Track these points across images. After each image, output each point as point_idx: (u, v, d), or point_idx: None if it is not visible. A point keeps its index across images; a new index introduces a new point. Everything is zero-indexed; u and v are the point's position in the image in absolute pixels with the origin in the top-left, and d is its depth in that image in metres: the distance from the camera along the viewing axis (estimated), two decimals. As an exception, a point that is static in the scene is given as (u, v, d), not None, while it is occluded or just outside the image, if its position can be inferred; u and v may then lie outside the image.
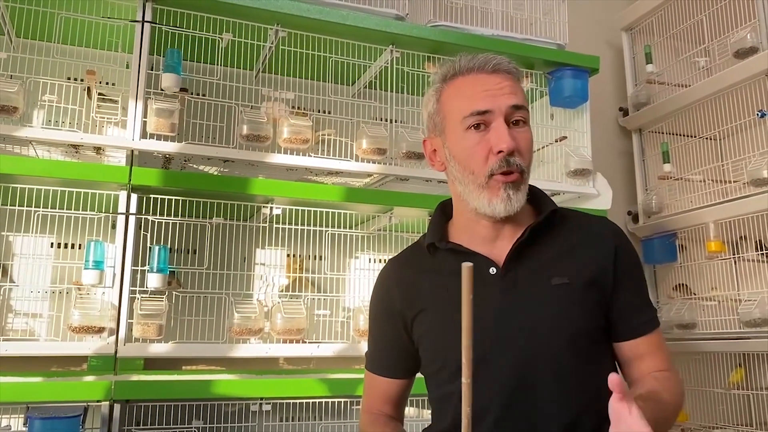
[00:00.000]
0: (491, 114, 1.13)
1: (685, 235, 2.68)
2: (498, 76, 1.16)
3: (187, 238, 2.10)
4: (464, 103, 1.15)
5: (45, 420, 1.57)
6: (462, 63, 1.19)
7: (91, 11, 1.97)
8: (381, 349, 1.30)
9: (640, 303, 1.19)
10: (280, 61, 2.28)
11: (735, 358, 2.48)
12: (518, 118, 1.15)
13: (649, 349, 1.17)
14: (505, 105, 1.13)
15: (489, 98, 1.14)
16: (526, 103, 1.18)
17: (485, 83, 1.15)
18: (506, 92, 1.14)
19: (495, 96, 1.14)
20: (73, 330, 1.77)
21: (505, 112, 1.14)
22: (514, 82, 1.18)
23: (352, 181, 2.32)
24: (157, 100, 1.95)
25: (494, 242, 1.19)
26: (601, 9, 3.17)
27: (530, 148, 1.16)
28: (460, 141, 1.16)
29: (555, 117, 2.53)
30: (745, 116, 2.50)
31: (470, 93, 1.15)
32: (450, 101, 1.19)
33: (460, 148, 1.16)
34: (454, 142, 1.17)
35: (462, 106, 1.15)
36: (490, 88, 1.14)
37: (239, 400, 1.89)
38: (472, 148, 1.14)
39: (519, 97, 1.16)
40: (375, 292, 1.31)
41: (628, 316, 1.17)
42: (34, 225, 1.90)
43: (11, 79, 1.90)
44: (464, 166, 1.16)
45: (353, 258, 2.44)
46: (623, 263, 1.17)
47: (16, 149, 2.03)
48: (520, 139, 1.14)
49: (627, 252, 1.19)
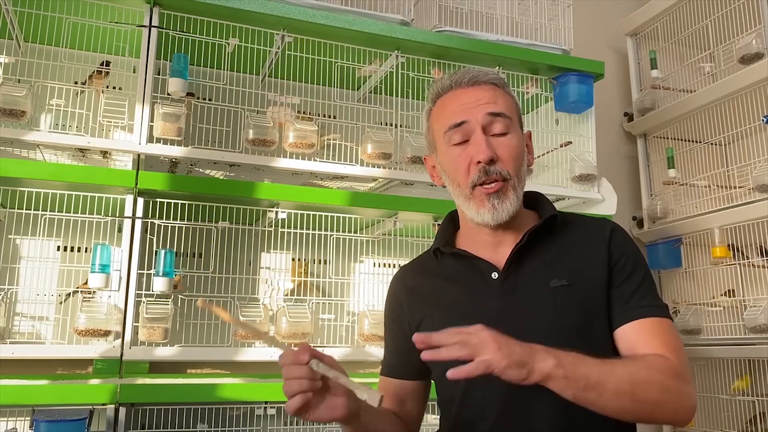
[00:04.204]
0: (468, 125, 1.16)
1: (690, 240, 2.68)
2: (476, 89, 1.19)
3: (192, 242, 2.10)
4: (444, 119, 1.19)
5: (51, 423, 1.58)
6: (444, 82, 1.22)
7: (98, 16, 1.98)
8: (393, 353, 1.31)
9: (633, 289, 1.14)
10: (286, 66, 2.29)
11: (740, 364, 2.48)
12: (499, 125, 1.16)
13: (642, 337, 1.09)
14: (481, 114, 1.15)
15: (465, 111, 1.16)
16: (510, 110, 1.19)
17: (463, 97, 1.18)
18: (483, 102, 1.16)
19: (471, 108, 1.16)
20: (79, 333, 1.77)
21: (483, 121, 1.15)
22: (495, 92, 1.19)
23: (357, 186, 2.32)
24: (164, 105, 1.96)
25: (497, 248, 1.20)
26: (606, 14, 3.17)
27: (515, 154, 1.16)
28: (446, 156, 1.19)
29: (560, 122, 2.54)
30: (751, 122, 2.50)
31: (450, 109, 1.19)
32: (435, 120, 1.23)
33: (446, 162, 1.20)
34: (443, 157, 1.21)
35: (443, 123, 1.19)
36: (467, 101, 1.17)
37: (244, 403, 1.89)
38: (455, 161, 1.17)
39: (498, 105, 1.17)
40: (387, 299, 1.33)
41: (619, 303, 1.13)
42: (41, 228, 1.91)
43: (19, 83, 1.91)
44: (452, 179, 1.19)
45: (358, 262, 2.44)
46: (617, 253, 1.16)
47: (24, 153, 2.04)
48: (500, 146, 1.15)
49: (622, 243, 1.18)
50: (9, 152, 2.01)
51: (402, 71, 2.25)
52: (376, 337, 2.05)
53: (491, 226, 1.17)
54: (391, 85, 2.31)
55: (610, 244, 1.16)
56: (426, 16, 2.40)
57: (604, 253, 1.16)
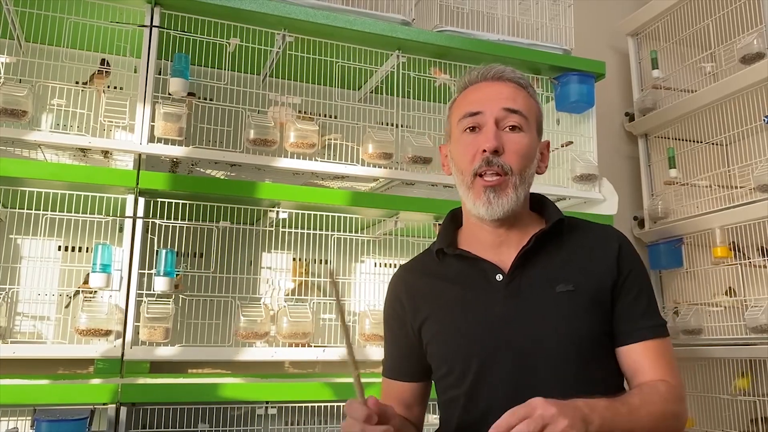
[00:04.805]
0: (482, 116, 1.17)
1: (691, 240, 2.68)
2: (500, 84, 1.21)
3: (193, 242, 2.10)
4: (462, 107, 1.21)
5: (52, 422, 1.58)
6: (472, 74, 1.24)
7: (99, 16, 1.98)
8: (394, 354, 1.30)
9: (641, 309, 1.16)
10: (287, 65, 2.29)
11: (741, 364, 2.48)
12: (512, 122, 1.17)
13: (648, 358, 1.13)
14: (497, 108, 1.17)
15: (483, 102, 1.18)
16: (528, 110, 1.19)
17: (485, 90, 1.21)
18: (502, 97, 1.18)
19: (489, 100, 1.18)
20: (80, 333, 1.77)
21: (497, 114, 1.17)
22: (517, 91, 1.21)
23: (358, 186, 2.32)
24: (165, 105, 1.96)
25: (500, 248, 1.20)
26: (607, 14, 3.17)
27: (523, 152, 1.17)
28: (457, 143, 1.21)
29: (561, 122, 2.54)
30: (752, 122, 2.50)
31: (469, 98, 1.21)
32: (455, 108, 1.24)
33: (456, 149, 1.21)
34: (454, 144, 1.23)
35: (460, 111, 1.21)
36: (488, 94, 1.20)
37: (245, 403, 1.89)
38: (464, 148, 1.18)
39: (517, 102, 1.18)
40: (386, 299, 1.33)
41: (626, 321, 1.15)
42: (42, 228, 1.91)
43: (20, 83, 1.91)
44: (458, 166, 1.21)
45: (359, 262, 2.44)
46: (626, 269, 1.17)
47: (25, 153, 2.05)
48: (509, 141, 1.16)
49: (630, 258, 1.19)
50: (10, 152, 2.01)
51: (403, 71, 2.25)
52: (377, 337, 2.05)
53: (491, 224, 1.18)
54: (391, 85, 2.30)
55: (618, 258, 1.17)
56: (427, 16, 2.40)
57: (613, 267, 1.16)
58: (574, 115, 2.49)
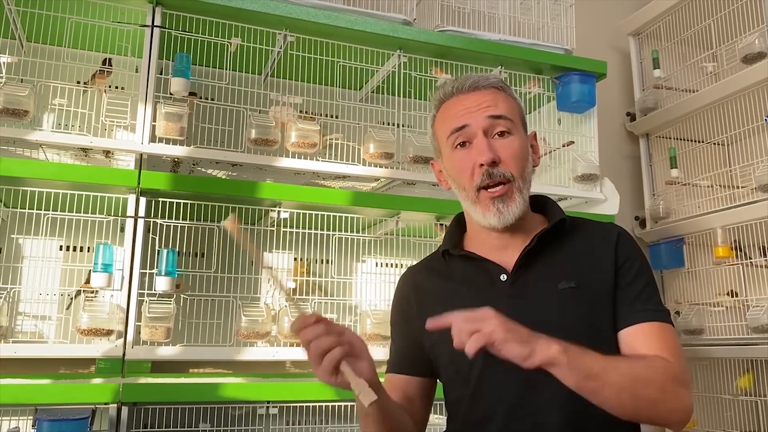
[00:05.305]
0: (469, 128, 1.18)
1: (693, 240, 2.67)
2: (477, 94, 1.21)
3: (195, 242, 2.10)
4: (447, 124, 1.21)
5: (53, 422, 1.58)
6: (447, 88, 1.24)
7: (101, 16, 1.98)
8: (400, 350, 1.31)
9: (637, 293, 1.15)
10: (289, 65, 2.29)
11: (743, 364, 2.47)
12: (500, 128, 1.18)
13: (643, 338, 1.11)
14: (481, 118, 1.18)
15: (466, 115, 1.19)
16: (511, 112, 1.20)
17: (464, 102, 1.21)
18: (484, 106, 1.19)
19: (472, 112, 1.19)
20: (81, 332, 1.78)
21: (484, 124, 1.17)
22: (496, 95, 1.21)
23: (360, 185, 2.32)
24: (166, 104, 1.96)
25: (505, 250, 1.21)
26: (609, 14, 3.17)
27: (518, 155, 1.18)
28: (450, 160, 1.22)
29: (562, 122, 2.53)
30: (753, 121, 2.50)
31: (452, 113, 1.21)
32: (439, 125, 1.25)
33: (451, 166, 1.22)
34: (447, 162, 1.23)
35: (446, 128, 1.21)
36: (469, 106, 1.20)
37: (246, 403, 1.89)
38: (459, 165, 1.19)
39: (499, 107, 1.19)
40: (394, 299, 1.34)
41: (623, 306, 1.15)
42: (44, 228, 1.91)
43: (22, 82, 1.91)
44: (458, 183, 1.21)
45: (360, 262, 2.44)
46: (623, 255, 1.17)
47: (27, 152, 2.05)
48: (502, 148, 1.17)
49: (628, 246, 1.19)
50: (12, 152, 2.01)
51: (404, 71, 2.25)
52: (379, 337, 2.05)
53: (498, 229, 1.19)
54: (393, 84, 2.31)
55: (616, 247, 1.18)
56: (428, 16, 2.40)
57: (611, 256, 1.17)
58: (575, 114, 2.49)
